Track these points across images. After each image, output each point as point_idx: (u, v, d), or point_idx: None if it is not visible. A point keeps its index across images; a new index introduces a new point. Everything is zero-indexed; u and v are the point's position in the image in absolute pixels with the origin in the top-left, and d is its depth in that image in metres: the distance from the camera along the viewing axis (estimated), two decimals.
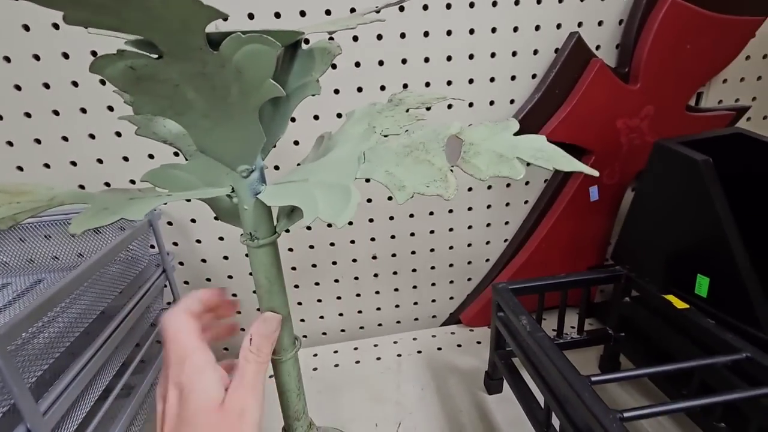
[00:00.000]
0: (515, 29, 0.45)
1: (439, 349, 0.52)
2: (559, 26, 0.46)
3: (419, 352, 0.52)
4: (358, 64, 0.44)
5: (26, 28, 0.38)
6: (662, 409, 0.25)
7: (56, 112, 0.42)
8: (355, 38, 0.43)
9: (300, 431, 0.31)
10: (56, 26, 0.39)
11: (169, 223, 0.48)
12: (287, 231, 0.50)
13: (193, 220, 0.48)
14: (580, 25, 0.46)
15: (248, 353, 0.24)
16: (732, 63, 0.51)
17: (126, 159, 0.45)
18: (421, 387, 0.46)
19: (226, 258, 0.51)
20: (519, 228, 0.54)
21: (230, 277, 0.52)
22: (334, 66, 0.44)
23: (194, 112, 0.21)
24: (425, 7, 0.43)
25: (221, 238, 0.50)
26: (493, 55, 0.46)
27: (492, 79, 0.47)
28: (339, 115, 0.46)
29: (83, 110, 0.42)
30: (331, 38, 0.26)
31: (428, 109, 0.30)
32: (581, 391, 0.26)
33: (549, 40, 0.46)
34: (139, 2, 0.14)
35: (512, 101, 0.49)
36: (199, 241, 0.50)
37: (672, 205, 0.39)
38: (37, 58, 0.40)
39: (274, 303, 0.27)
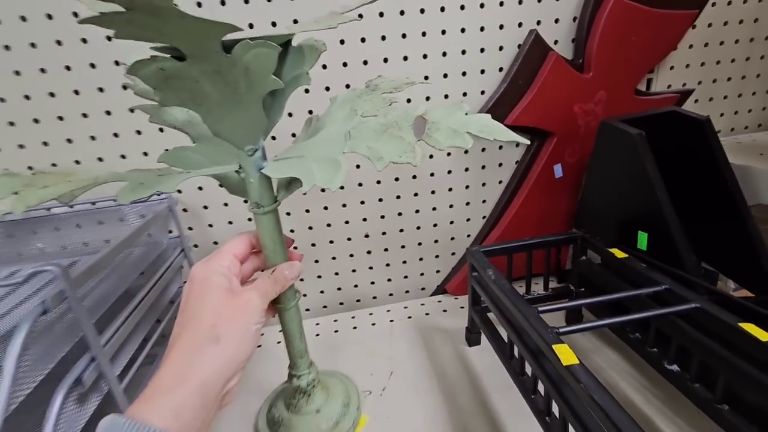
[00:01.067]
0: (482, 29, 0.52)
1: (427, 314, 0.59)
2: (520, 25, 0.53)
3: (409, 317, 0.58)
4: (345, 64, 0.51)
5: (33, 45, 0.45)
6: (589, 325, 0.32)
7: (61, 118, 0.48)
8: (342, 41, 0.49)
9: (303, 367, 0.37)
10: (59, 43, 0.45)
11: (184, 210, 0.55)
12: (288, 214, 0.57)
13: (206, 207, 0.55)
14: (539, 23, 0.53)
15: (267, 276, 0.30)
16: (677, 51, 0.58)
17: (123, 157, 0.51)
18: (411, 344, 0.52)
19: None
20: (495, 205, 0.61)
21: None
22: (324, 66, 0.51)
23: (210, 102, 0.26)
24: (402, 12, 0.50)
25: (230, 222, 0.56)
26: (463, 52, 0.53)
27: (464, 74, 0.54)
28: None
29: (84, 115, 0.48)
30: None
31: (399, 91, 0.36)
32: (530, 318, 0.33)
33: (512, 37, 0.53)
34: (177, 22, 0.20)
35: (483, 92, 0.55)
36: (210, 225, 0.56)
37: (616, 173, 0.45)
38: (43, 71, 0.46)
39: (277, 261, 0.33)
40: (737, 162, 0.49)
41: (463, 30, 0.52)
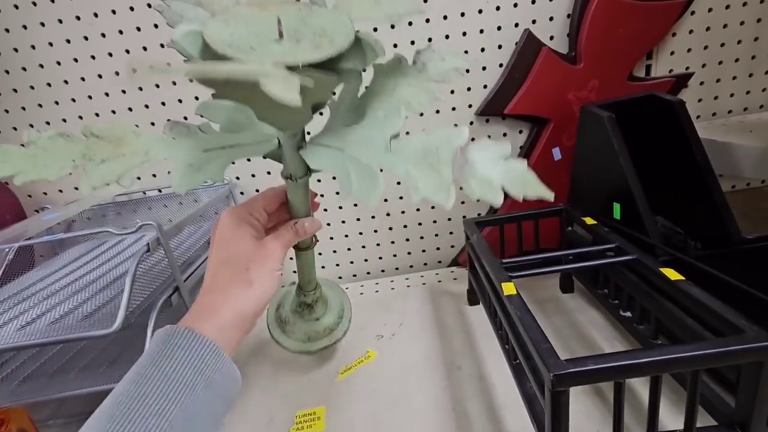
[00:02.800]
0: (481, 31, 0.60)
1: (439, 281, 0.68)
2: (516, 25, 0.60)
3: (423, 283, 0.68)
4: (364, 70, 0.61)
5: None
6: (537, 271, 0.39)
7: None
8: None
9: (310, 289, 0.45)
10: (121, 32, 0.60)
11: (242, 193, 0.69)
12: (322, 196, 0.68)
13: (257, 190, 0.68)
14: (534, 22, 0.60)
15: (290, 227, 0.34)
16: (677, 37, 0.61)
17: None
18: (421, 303, 0.62)
19: None
20: None
21: None
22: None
23: (261, 102, 0.26)
24: (410, 24, 0.59)
25: None
26: (466, 52, 0.61)
27: (467, 71, 0.62)
28: None
29: (146, 106, 0.63)
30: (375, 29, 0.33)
31: (446, 81, 0.33)
32: (492, 265, 0.41)
33: (509, 36, 0.60)
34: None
35: (485, 86, 0.63)
36: None
37: (594, 152, 0.51)
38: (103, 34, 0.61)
39: (301, 216, 0.36)
40: (722, 139, 0.52)
41: (464, 33, 0.60)
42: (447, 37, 0.60)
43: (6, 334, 0.36)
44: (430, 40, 0.60)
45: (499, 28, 0.60)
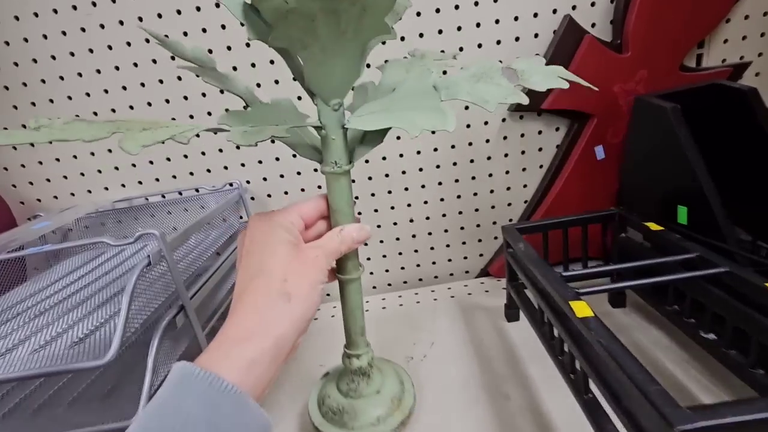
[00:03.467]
0: (516, 18, 0.54)
1: (469, 294, 0.62)
2: (555, 11, 0.54)
3: (452, 296, 0.62)
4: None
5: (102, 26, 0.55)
6: (609, 287, 0.33)
7: (124, 87, 0.58)
8: (383, 42, 0.54)
9: (362, 345, 0.36)
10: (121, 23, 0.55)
11: (252, 198, 0.63)
12: None
13: (269, 195, 0.63)
14: (574, 8, 0.54)
15: (336, 234, 0.29)
16: (731, 23, 0.56)
17: (191, 116, 0.60)
18: (452, 320, 0.56)
19: None
20: (536, 190, 0.62)
21: None
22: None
23: (316, 46, 0.25)
24: (437, 10, 0.54)
25: None
26: (498, 42, 0.55)
27: (500, 62, 0.56)
28: None
29: (149, 104, 0.58)
30: None
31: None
32: (553, 282, 0.35)
33: (547, 24, 0.55)
34: None
35: None
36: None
37: (652, 149, 0.45)
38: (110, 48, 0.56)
39: (346, 223, 0.31)
40: None
41: (497, 21, 0.55)
42: (478, 25, 0.55)
43: None
44: (459, 28, 0.55)
45: (535, 15, 0.54)
